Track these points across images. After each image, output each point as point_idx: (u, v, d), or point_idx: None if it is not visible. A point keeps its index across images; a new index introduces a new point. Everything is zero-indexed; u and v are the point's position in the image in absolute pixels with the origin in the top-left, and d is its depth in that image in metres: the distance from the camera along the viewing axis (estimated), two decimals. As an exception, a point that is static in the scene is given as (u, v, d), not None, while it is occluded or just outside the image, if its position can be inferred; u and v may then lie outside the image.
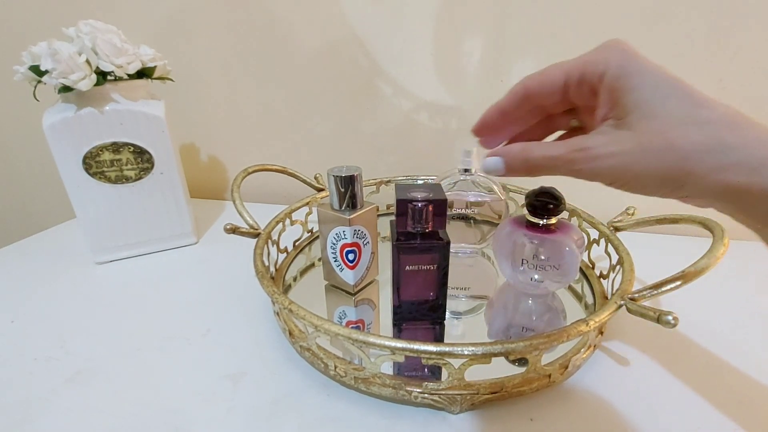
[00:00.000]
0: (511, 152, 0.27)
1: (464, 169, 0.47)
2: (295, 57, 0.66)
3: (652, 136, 0.22)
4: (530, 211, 0.36)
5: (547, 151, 0.26)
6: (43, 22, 0.72)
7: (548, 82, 0.27)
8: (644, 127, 0.22)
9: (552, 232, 0.36)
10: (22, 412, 0.33)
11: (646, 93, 0.22)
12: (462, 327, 0.41)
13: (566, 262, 0.36)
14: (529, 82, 0.28)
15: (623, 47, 0.24)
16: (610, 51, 0.24)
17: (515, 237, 0.37)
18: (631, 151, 0.23)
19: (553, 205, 0.35)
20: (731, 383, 0.34)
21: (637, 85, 0.23)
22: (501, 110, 0.29)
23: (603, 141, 0.24)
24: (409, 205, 0.36)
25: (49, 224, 0.67)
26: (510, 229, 0.38)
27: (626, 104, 0.23)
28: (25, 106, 0.80)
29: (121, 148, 0.50)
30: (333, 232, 0.42)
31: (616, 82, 0.23)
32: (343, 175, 0.40)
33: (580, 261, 0.36)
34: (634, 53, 0.24)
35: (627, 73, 0.23)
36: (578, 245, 0.36)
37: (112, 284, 0.50)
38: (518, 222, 0.38)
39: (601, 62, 0.24)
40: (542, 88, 0.27)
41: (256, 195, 0.74)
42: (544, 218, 0.36)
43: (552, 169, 0.26)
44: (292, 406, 0.32)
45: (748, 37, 0.50)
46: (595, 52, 0.25)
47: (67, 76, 0.43)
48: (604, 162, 0.24)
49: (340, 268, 0.44)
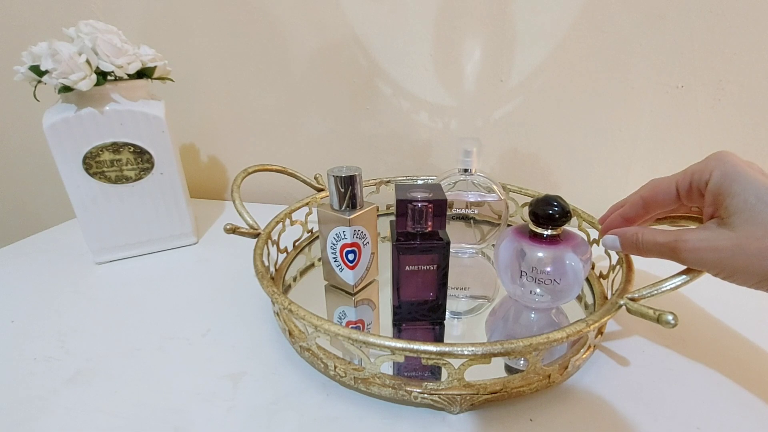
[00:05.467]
0: (626, 234, 0.33)
1: (464, 169, 0.47)
2: (295, 57, 0.66)
3: (751, 240, 0.26)
4: (533, 221, 0.35)
5: (656, 238, 0.31)
6: (44, 22, 0.72)
7: (662, 191, 0.32)
8: (745, 231, 0.26)
9: (556, 243, 0.34)
10: (22, 412, 0.33)
11: (750, 199, 0.26)
12: (462, 327, 0.41)
13: (568, 277, 0.34)
14: (645, 193, 0.33)
15: (727, 158, 0.28)
16: (714, 161, 0.28)
17: (515, 247, 0.35)
18: (731, 249, 0.27)
19: (558, 214, 0.33)
20: (731, 384, 0.34)
21: (738, 191, 0.27)
22: (622, 216, 0.35)
23: (705, 236, 0.28)
24: (409, 205, 0.36)
25: (49, 224, 0.67)
26: (511, 238, 0.36)
27: (728, 207, 0.27)
28: (25, 106, 0.80)
29: (121, 148, 0.50)
30: (333, 233, 0.42)
31: (719, 188, 0.28)
32: (343, 176, 0.40)
33: (584, 277, 0.35)
34: (737, 163, 0.28)
35: (729, 181, 0.27)
36: (584, 260, 0.34)
37: (112, 284, 0.50)
38: (521, 232, 0.36)
39: (706, 171, 0.28)
40: (657, 196, 0.33)
41: (256, 195, 0.74)
42: (548, 228, 0.34)
43: (659, 253, 0.31)
44: (291, 406, 0.32)
45: (747, 39, 0.50)
46: (702, 162, 0.29)
47: (67, 76, 0.43)
48: (704, 254, 0.28)
49: (340, 268, 0.44)
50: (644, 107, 0.57)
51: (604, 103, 0.58)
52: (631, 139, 0.59)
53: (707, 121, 0.56)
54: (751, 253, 0.26)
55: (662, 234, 0.30)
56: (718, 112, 0.55)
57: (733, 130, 0.55)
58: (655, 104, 0.56)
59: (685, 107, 0.56)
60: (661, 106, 0.56)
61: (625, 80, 0.56)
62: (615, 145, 0.60)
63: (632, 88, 0.56)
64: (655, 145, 0.58)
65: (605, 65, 0.56)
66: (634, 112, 0.57)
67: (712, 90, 0.54)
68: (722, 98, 0.54)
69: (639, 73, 0.55)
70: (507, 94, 0.61)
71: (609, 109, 0.58)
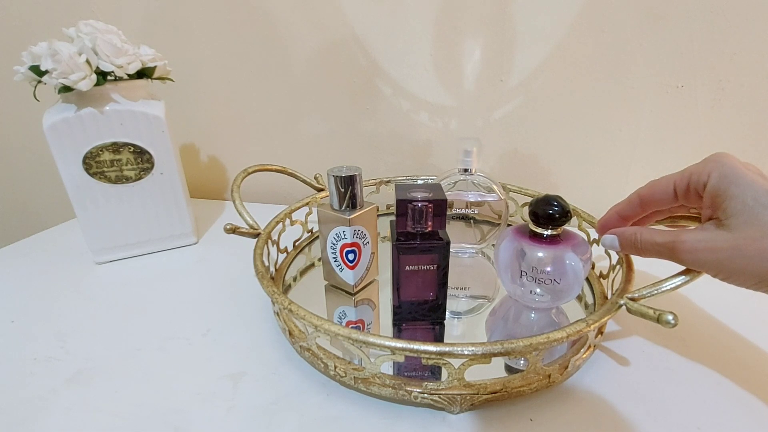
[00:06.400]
0: (625, 234, 0.33)
1: (464, 169, 0.47)
2: (295, 57, 0.66)
3: (748, 242, 0.26)
4: (533, 221, 0.35)
5: (654, 238, 0.31)
6: (44, 22, 0.72)
7: (659, 190, 0.32)
8: (743, 232, 0.26)
9: (556, 243, 0.35)
10: (22, 412, 0.33)
11: (748, 201, 0.26)
12: (462, 327, 0.41)
13: (568, 276, 0.34)
14: (643, 191, 0.33)
15: (725, 160, 0.28)
16: (713, 163, 0.28)
17: (516, 247, 0.36)
18: (729, 251, 0.27)
19: (558, 214, 0.34)
20: (731, 384, 0.34)
21: (736, 194, 0.27)
22: (619, 213, 0.35)
23: (703, 237, 0.28)
24: (409, 205, 0.36)
25: (50, 224, 0.67)
26: (511, 238, 0.36)
27: (726, 209, 0.27)
28: (25, 106, 0.80)
29: (121, 148, 0.50)
30: (333, 232, 0.42)
31: (717, 190, 0.28)
32: (343, 176, 0.40)
33: (584, 277, 0.35)
34: (735, 165, 0.28)
35: (727, 183, 0.27)
36: (584, 260, 0.34)
37: (112, 284, 0.50)
38: (521, 231, 0.37)
39: (705, 172, 0.28)
40: (654, 195, 0.33)
41: (255, 195, 0.74)
42: (548, 228, 0.35)
43: (658, 253, 0.31)
44: (291, 406, 0.32)
45: (747, 39, 0.50)
46: (700, 163, 0.29)
47: (67, 76, 0.43)
48: (702, 255, 0.28)
49: (340, 268, 0.44)
50: (644, 107, 0.57)
51: (604, 103, 0.58)
52: (631, 139, 0.59)
53: (707, 121, 0.56)
54: (749, 255, 0.26)
55: (661, 234, 0.30)
56: (717, 111, 0.55)
57: (732, 130, 0.55)
58: (655, 104, 0.56)
59: (685, 107, 0.56)
60: (661, 106, 0.56)
61: (625, 80, 0.56)
62: (615, 144, 0.60)
63: (632, 88, 0.56)
64: (655, 144, 0.58)
65: (605, 65, 0.56)
66: (634, 112, 0.57)
67: (711, 90, 0.54)
68: (722, 98, 0.54)
69: (639, 73, 0.55)
70: (507, 94, 0.61)
71: (609, 109, 0.58)
